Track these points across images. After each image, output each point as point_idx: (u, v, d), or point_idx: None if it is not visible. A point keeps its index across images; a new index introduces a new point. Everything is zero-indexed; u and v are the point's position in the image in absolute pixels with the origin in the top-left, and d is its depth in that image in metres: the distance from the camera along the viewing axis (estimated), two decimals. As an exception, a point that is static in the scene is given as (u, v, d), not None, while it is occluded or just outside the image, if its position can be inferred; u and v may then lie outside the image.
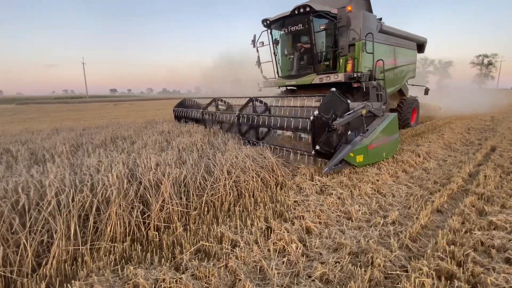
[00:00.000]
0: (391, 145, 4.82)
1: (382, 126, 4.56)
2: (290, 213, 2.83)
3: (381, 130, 4.47)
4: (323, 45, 6.50)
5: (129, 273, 2.01)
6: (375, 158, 4.42)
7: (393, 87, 8.14)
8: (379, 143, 4.41)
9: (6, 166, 3.33)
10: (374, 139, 4.28)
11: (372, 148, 4.27)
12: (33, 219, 2.26)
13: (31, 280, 2.01)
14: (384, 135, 4.52)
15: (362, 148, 4.12)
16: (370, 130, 4.44)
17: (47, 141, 4.95)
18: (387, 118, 4.77)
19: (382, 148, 4.51)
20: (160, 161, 3.30)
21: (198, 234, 2.55)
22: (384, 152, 4.63)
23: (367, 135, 4.30)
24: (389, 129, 4.71)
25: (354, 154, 4.03)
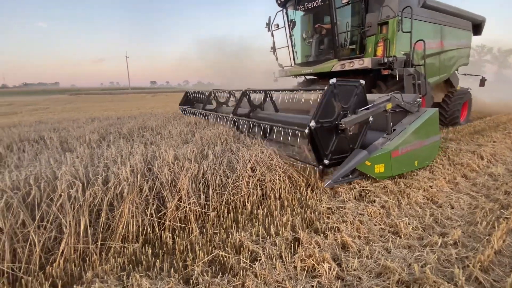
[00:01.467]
0: (427, 151, 3.68)
1: (415, 125, 3.46)
2: (323, 223, 2.39)
3: (413, 130, 3.39)
4: (348, 25, 5.49)
5: (134, 282, 1.78)
6: (402, 167, 3.37)
7: (438, 76, 6.70)
8: (409, 148, 3.35)
9: (34, 154, 3.36)
10: (402, 143, 3.23)
11: (399, 155, 3.22)
12: (44, 213, 2.14)
13: (36, 279, 1.88)
14: (417, 137, 3.44)
15: (383, 155, 3.09)
16: (398, 130, 3.40)
17: (79, 130, 5.06)
18: (424, 115, 3.63)
19: (413, 154, 3.43)
20: (179, 155, 3.05)
21: (214, 240, 2.25)
22: (416, 160, 3.54)
23: (393, 138, 3.28)
24: (426, 129, 3.58)
25: (372, 162, 3.07)
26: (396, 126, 3.51)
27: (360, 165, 3.07)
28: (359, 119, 3.11)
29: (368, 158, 3.06)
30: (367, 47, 5.38)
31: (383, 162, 3.13)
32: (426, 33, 5.88)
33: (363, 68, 5.07)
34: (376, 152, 3.12)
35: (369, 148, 3.24)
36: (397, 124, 3.54)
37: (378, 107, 3.26)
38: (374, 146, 3.26)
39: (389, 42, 5.19)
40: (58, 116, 10.33)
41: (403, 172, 3.45)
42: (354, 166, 3.05)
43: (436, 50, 6.49)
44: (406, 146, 3.31)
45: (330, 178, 3.00)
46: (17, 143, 4.11)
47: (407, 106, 3.62)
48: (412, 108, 3.68)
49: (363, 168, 3.10)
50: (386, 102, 3.33)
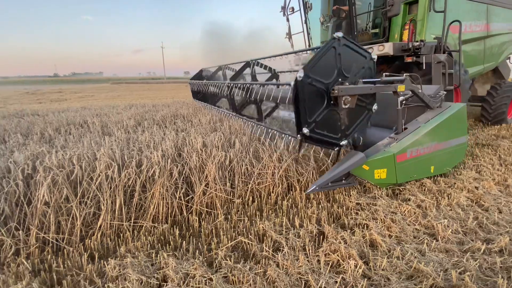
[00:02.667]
0: (448, 155, 3.03)
1: (433, 124, 2.84)
2: (350, 218, 2.29)
3: (430, 130, 2.80)
4: (370, 6, 4.82)
5: (161, 260, 1.88)
6: (412, 174, 2.83)
7: (482, 65, 5.77)
8: (423, 151, 2.78)
9: (78, 137, 3.65)
10: (412, 145, 2.69)
11: (407, 159, 2.68)
12: (85, 190, 2.32)
13: (76, 250, 2.07)
14: (434, 138, 2.85)
15: (384, 159, 2.57)
16: (410, 129, 2.82)
17: (118, 116, 5.40)
18: (446, 112, 2.98)
19: (428, 159, 2.85)
20: (208, 142, 3.11)
21: (238, 227, 2.28)
22: (433, 165, 2.95)
23: (401, 138, 2.73)
24: (447, 129, 2.95)
25: (371, 167, 2.57)
26: (409, 124, 2.96)
27: (356, 169, 2.60)
28: (357, 90, 2.50)
29: (365, 162, 2.56)
30: (393, 30, 4.67)
31: (385, 167, 2.60)
32: (466, 13, 5.01)
33: (384, 54, 4.38)
34: (376, 155, 2.60)
35: (370, 149, 2.75)
36: (411, 122, 2.99)
37: (386, 85, 2.66)
38: (376, 148, 2.76)
39: (419, 24, 4.39)
40: (101, 103, 11.13)
41: (413, 179, 2.91)
42: (347, 170, 2.55)
43: (480, 34, 5.47)
44: (418, 149, 2.75)
45: (316, 184, 2.52)
46: (64, 126, 4.51)
47: (426, 98, 2.97)
48: (431, 103, 3.01)
49: (359, 172, 2.63)
50: (398, 82, 2.71)
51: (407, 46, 4.31)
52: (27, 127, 4.38)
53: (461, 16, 4.65)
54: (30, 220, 2.11)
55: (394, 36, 4.66)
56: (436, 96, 3.11)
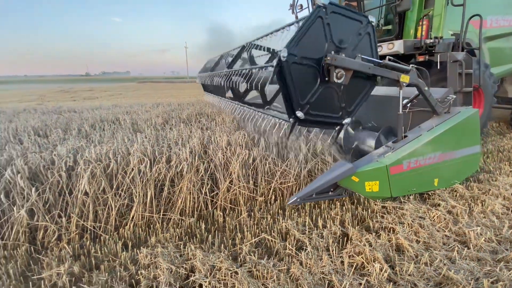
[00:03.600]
0: (456, 166, 2.73)
1: (437, 131, 2.55)
2: (376, 222, 2.26)
3: (432, 139, 2.52)
4: (381, 1, 4.51)
5: (189, 251, 1.97)
6: (410, 187, 2.57)
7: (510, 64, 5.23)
8: (424, 162, 2.51)
9: (112, 133, 3.88)
10: (410, 155, 2.44)
11: (404, 171, 2.43)
12: (119, 183, 2.48)
13: (112, 238, 2.22)
14: (439, 148, 2.56)
15: (376, 171, 2.34)
16: (410, 137, 2.57)
17: (146, 113, 5.65)
18: (454, 118, 2.68)
19: (431, 170, 2.58)
20: (232, 141, 3.18)
21: (261, 224, 2.32)
22: (437, 178, 2.67)
23: (398, 147, 2.49)
24: (455, 137, 2.66)
25: (361, 179, 2.34)
26: (410, 131, 2.69)
27: (344, 181, 2.35)
28: (353, 65, 2.22)
29: (354, 173, 2.31)
30: (407, 26, 4.33)
31: (377, 179, 2.37)
32: (492, 7, 4.54)
33: (394, 53, 4.01)
34: (367, 166, 2.36)
35: (362, 159, 2.53)
36: (413, 129, 2.72)
37: (388, 70, 2.40)
38: (369, 157, 2.53)
39: (437, 20, 4.01)
40: (129, 101, 11.66)
41: (413, 193, 2.64)
42: (333, 181, 2.32)
43: (508, 30, 4.96)
44: (417, 160, 2.47)
45: (297, 195, 2.31)
46: (98, 122, 4.81)
47: (432, 100, 2.67)
48: (438, 107, 2.71)
49: (348, 184, 2.37)
50: (404, 72, 2.44)
51: (420, 44, 3.97)
52: (65, 123, 4.72)
53: (485, 10, 4.21)
54: (71, 208, 2.29)
55: (409, 33, 4.30)
56: (444, 100, 2.79)
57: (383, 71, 2.42)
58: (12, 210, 2.17)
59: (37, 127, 4.39)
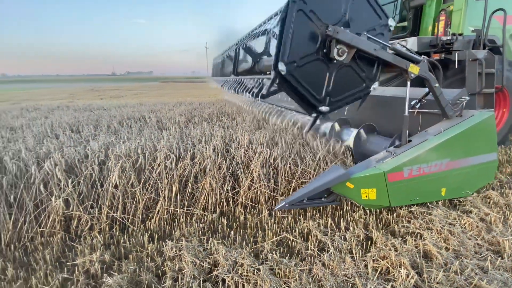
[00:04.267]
0: (468, 176, 2.49)
1: (445, 136, 2.33)
2: (402, 226, 2.18)
3: (439, 144, 2.29)
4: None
5: (212, 246, 2.01)
6: (412, 196, 2.36)
7: None
8: (429, 169, 2.29)
9: (138, 130, 4.03)
10: (413, 162, 2.24)
11: (405, 179, 2.24)
12: (147, 178, 2.57)
13: (139, 230, 2.31)
14: (446, 154, 2.33)
15: (372, 177, 2.18)
16: (415, 142, 2.36)
17: (170, 112, 5.82)
18: (466, 122, 2.43)
19: (438, 179, 2.35)
20: (253, 140, 3.20)
21: (282, 223, 2.32)
22: (444, 187, 2.42)
23: (399, 152, 2.30)
24: (467, 143, 2.42)
25: (356, 185, 2.18)
26: (416, 135, 2.48)
27: (338, 187, 2.20)
28: (357, 42, 2.04)
29: (349, 179, 2.16)
30: (425, 22, 4.00)
31: (374, 187, 2.19)
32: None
33: None
34: (364, 172, 2.19)
35: (359, 164, 2.38)
36: (419, 133, 2.51)
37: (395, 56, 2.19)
38: (367, 163, 2.34)
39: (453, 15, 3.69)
40: (152, 99, 12.04)
41: (416, 203, 2.43)
42: (325, 187, 2.19)
43: None
44: (421, 167, 2.26)
45: (285, 201, 2.22)
46: (126, 120, 5.01)
47: (443, 100, 2.41)
48: (448, 109, 2.45)
49: (343, 190, 2.22)
50: (413, 62, 2.25)
51: (436, 41, 3.64)
52: (96, 120, 4.97)
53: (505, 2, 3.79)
54: (102, 200, 2.41)
55: (427, 30, 4.00)
56: (456, 102, 2.51)
57: (390, 56, 2.24)
58: (50, 200, 2.31)
59: (70, 123, 4.66)
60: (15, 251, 2.11)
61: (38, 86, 37.05)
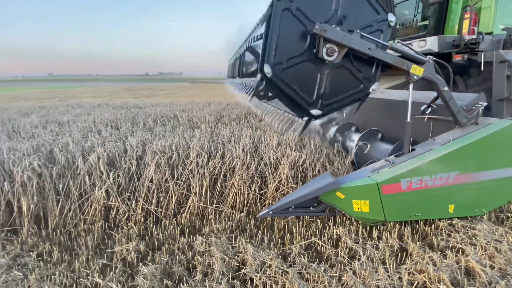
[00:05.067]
0: (482, 192, 2.20)
1: (454, 146, 2.06)
2: (441, 239, 2.03)
3: (446, 154, 2.04)
4: None
5: (240, 245, 2.02)
6: (413, 211, 2.13)
7: None
8: (433, 182, 2.05)
9: (171, 128, 4.19)
10: (412, 174, 2.02)
11: (402, 192, 2.03)
12: (179, 174, 2.66)
13: (171, 223, 2.40)
14: (455, 167, 2.07)
15: (364, 188, 2.01)
16: (418, 151, 2.13)
17: (200, 111, 5.98)
18: (481, 131, 2.15)
19: (444, 194, 2.10)
20: (282, 141, 3.18)
21: (310, 228, 2.27)
22: (452, 204, 2.16)
23: (399, 162, 2.09)
24: (481, 155, 2.14)
25: (347, 196, 2.02)
26: (421, 144, 2.24)
27: (327, 196, 2.04)
28: (348, 40, 1.86)
29: (338, 188, 2.00)
30: (451, 20, 3.58)
31: (367, 199, 2.02)
32: None
33: (426, 52, 3.39)
34: (355, 182, 2.02)
35: (353, 172, 2.24)
36: (425, 142, 2.28)
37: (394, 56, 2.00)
38: (361, 172, 2.17)
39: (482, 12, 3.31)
40: (183, 99, 12.46)
41: (417, 219, 2.20)
42: (313, 195, 2.04)
43: None
44: (423, 179, 2.02)
45: (269, 208, 2.07)
46: (159, 118, 5.24)
47: (454, 106, 2.13)
48: (461, 116, 2.16)
49: (333, 200, 2.06)
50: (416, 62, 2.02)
51: (460, 41, 3.26)
52: (132, 117, 5.25)
53: None
54: (139, 193, 2.53)
55: (453, 29, 3.61)
56: (471, 108, 2.21)
57: (388, 56, 1.99)
58: (93, 190, 2.48)
59: (110, 119, 4.97)
60: (61, 235, 2.29)
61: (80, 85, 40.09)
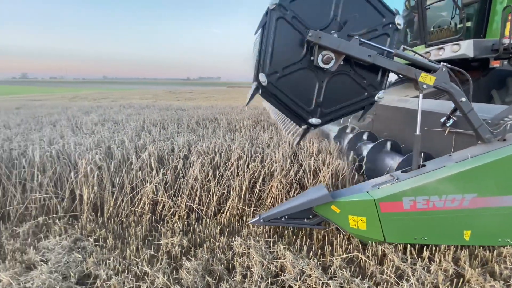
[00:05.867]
0: (507, 218, 1.87)
1: (472, 164, 1.79)
2: (504, 268, 1.79)
3: (459, 174, 1.78)
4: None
5: (279, 251, 2.00)
6: (418, 233, 1.92)
7: None
8: (441, 204, 1.81)
9: (212, 130, 4.34)
10: (416, 192, 1.81)
11: (405, 212, 1.84)
12: (221, 175, 2.73)
13: (211, 222, 2.46)
14: (471, 187, 1.80)
15: (360, 204, 1.89)
16: (429, 167, 1.90)
17: (239, 115, 6.12)
18: (510, 148, 1.80)
19: (458, 218, 1.85)
20: (322, 148, 3.10)
21: (351, 241, 2.16)
22: (468, 229, 1.89)
23: (403, 178, 1.89)
24: (507, 175, 1.81)
25: (342, 210, 1.91)
26: (434, 160, 2.03)
27: (321, 208, 1.95)
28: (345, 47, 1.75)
29: (332, 202, 1.90)
30: (494, 22, 3.18)
31: (363, 215, 1.89)
32: None
33: (460, 57, 3.12)
34: (351, 196, 1.92)
35: (353, 186, 2.10)
36: (440, 157, 2.04)
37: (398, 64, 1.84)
38: (361, 185, 2.04)
39: None
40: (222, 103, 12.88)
41: (423, 243, 1.97)
42: (304, 207, 1.97)
43: None
44: (430, 199, 1.81)
45: (261, 215, 2.06)
46: (201, 120, 5.46)
47: (475, 119, 1.87)
48: (483, 130, 1.89)
49: (327, 214, 1.96)
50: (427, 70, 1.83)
51: (499, 44, 2.93)
52: (177, 119, 5.56)
53: None
54: (184, 190, 2.65)
55: (497, 31, 3.24)
56: (498, 123, 1.93)
57: (392, 64, 1.82)
58: (143, 185, 2.66)
59: (157, 120, 5.32)
60: (114, 224, 2.48)
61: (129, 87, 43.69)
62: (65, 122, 5.20)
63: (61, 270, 1.85)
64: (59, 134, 3.83)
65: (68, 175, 2.73)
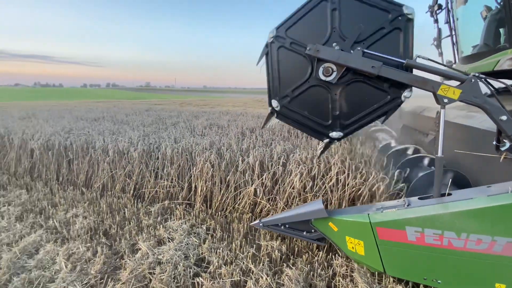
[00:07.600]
0: None
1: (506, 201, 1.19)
2: None
3: (493, 209, 1.25)
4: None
5: (388, 284, 1.74)
6: (424, 273, 1.50)
7: None
8: (458, 243, 1.36)
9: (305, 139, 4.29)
10: (425, 223, 1.43)
11: (408, 244, 1.48)
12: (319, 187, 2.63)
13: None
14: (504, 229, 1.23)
15: (357, 225, 1.63)
16: (457, 196, 1.47)
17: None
18: None
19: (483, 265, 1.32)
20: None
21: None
22: (502, 282, 1.30)
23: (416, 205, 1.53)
24: None
25: (340, 228, 1.72)
26: (467, 189, 1.62)
27: (319, 224, 1.88)
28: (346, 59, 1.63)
29: (326, 218, 1.80)
30: None
31: (361, 239, 1.67)
32: None
33: None
34: (350, 216, 1.73)
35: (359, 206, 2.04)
36: (475, 188, 1.58)
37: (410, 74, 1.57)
38: (367, 206, 1.83)
39: None
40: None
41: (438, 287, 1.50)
42: (299, 218, 1.95)
43: None
44: (446, 235, 1.42)
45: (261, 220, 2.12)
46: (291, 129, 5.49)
47: None
48: None
49: (324, 230, 1.87)
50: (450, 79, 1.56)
51: None
52: (269, 126, 5.78)
53: None
54: (281, 196, 2.68)
55: None
56: None
57: (401, 74, 1.59)
58: (245, 186, 2.83)
59: (253, 127, 5.67)
60: (220, 217, 2.73)
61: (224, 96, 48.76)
62: (183, 124, 6.18)
63: (183, 249, 2.14)
64: (181, 134, 4.56)
65: (188, 169, 3.18)
